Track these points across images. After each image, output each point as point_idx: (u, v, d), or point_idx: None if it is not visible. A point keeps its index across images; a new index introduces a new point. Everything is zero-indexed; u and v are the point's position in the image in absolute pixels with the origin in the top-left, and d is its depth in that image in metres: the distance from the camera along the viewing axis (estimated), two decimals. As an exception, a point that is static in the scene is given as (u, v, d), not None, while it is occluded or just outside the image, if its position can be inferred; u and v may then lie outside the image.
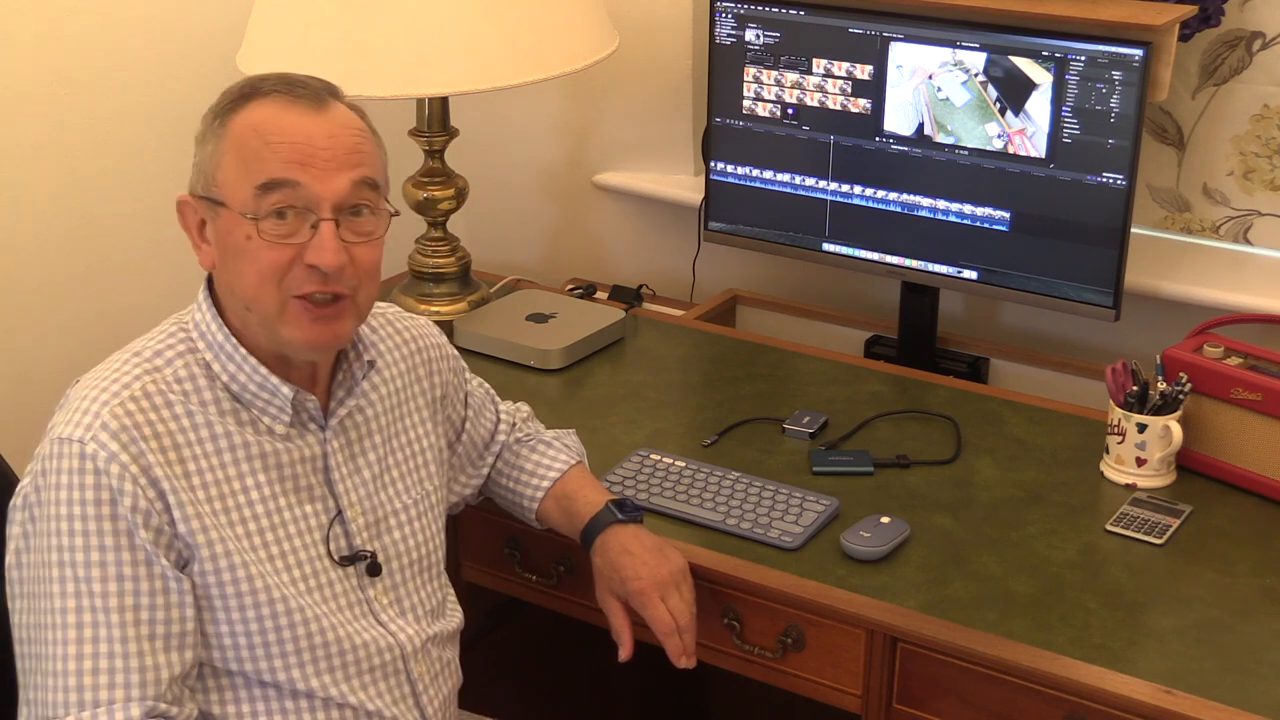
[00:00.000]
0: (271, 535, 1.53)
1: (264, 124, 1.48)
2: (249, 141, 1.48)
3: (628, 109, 2.66)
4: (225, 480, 1.51)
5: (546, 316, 2.38)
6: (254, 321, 1.52)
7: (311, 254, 1.48)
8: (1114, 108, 2.06)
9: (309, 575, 1.55)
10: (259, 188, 1.47)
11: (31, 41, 2.29)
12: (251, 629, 1.51)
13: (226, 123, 1.50)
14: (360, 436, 1.63)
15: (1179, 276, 2.24)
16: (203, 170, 1.52)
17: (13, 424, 2.28)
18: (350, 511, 1.60)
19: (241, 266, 1.49)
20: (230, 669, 1.52)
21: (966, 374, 2.33)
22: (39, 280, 2.38)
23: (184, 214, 1.55)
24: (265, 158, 1.47)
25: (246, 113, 1.50)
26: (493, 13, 2.16)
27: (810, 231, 2.37)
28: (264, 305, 1.50)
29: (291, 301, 1.50)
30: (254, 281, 1.49)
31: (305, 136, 1.48)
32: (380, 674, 1.60)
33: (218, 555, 1.48)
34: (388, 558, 1.63)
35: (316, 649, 1.55)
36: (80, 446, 1.44)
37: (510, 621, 2.25)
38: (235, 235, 1.49)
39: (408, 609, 1.65)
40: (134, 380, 1.49)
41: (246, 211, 1.48)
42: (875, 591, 1.75)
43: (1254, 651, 1.65)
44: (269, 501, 1.54)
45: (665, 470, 1.97)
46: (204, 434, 1.51)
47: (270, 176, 1.47)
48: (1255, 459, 1.92)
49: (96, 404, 1.46)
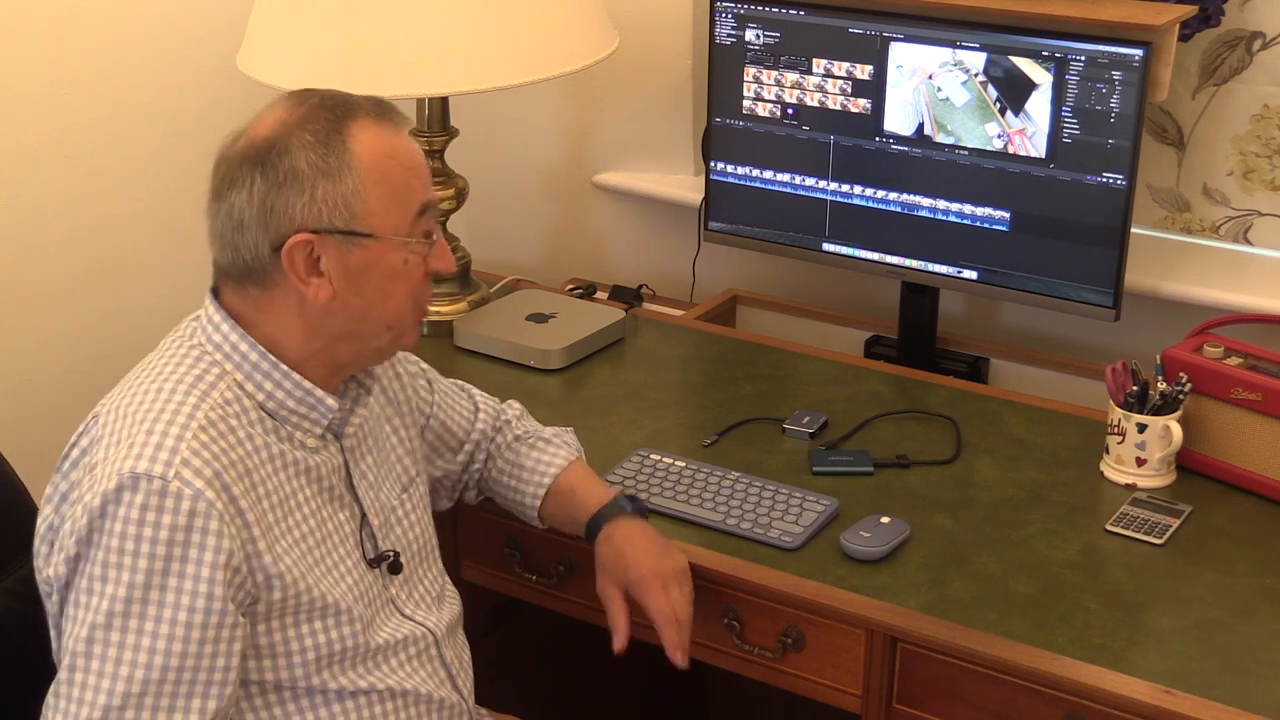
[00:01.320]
0: (323, 548, 1.55)
1: (395, 150, 1.51)
2: (393, 171, 1.50)
3: (628, 109, 2.66)
4: (285, 499, 1.51)
5: (546, 316, 2.38)
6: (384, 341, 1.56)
7: (438, 262, 1.56)
8: (1114, 108, 2.06)
9: (357, 582, 1.58)
10: (418, 213, 1.52)
11: (32, 42, 2.29)
12: (320, 641, 1.52)
13: (350, 150, 1.47)
14: (360, 440, 1.64)
15: (1179, 276, 2.24)
16: (337, 204, 1.47)
17: (14, 425, 2.28)
18: (370, 513, 1.63)
19: (395, 290, 1.53)
20: (296, 684, 1.53)
21: (966, 374, 2.33)
22: (40, 281, 2.38)
23: (294, 255, 1.48)
24: (412, 184, 1.52)
25: (362, 138, 1.49)
26: (493, 13, 2.16)
27: (810, 231, 2.38)
28: (406, 322, 1.56)
29: (416, 311, 1.58)
30: (403, 304, 1.55)
31: (422, 158, 1.55)
32: (419, 661, 1.64)
33: (296, 579, 1.49)
34: (400, 553, 1.65)
35: (374, 651, 1.57)
36: (163, 484, 1.39)
37: (510, 621, 2.25)
38: (389, 262, 1.51)
39: (419, 599, 1.68)
40: (194, 409, 1.46)
41: (410, 238, 1.52)
42: (875, 591, 1.75)
43: (1254, 651, 1.65)
44: (317, 514, 1.55)
45: (665, 470, 1.97)
46: (263, 455, 1.50)
47: (424, 200, 1.53)
48: (1255, 459, 1.93)
49: (169, 438, 1.42)
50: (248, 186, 1.47)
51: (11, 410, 2.33)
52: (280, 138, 1.47)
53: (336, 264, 1.49)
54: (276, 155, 1.47)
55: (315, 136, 1.47)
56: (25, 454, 1.88)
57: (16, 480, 1.74)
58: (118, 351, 1.56)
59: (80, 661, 1.41)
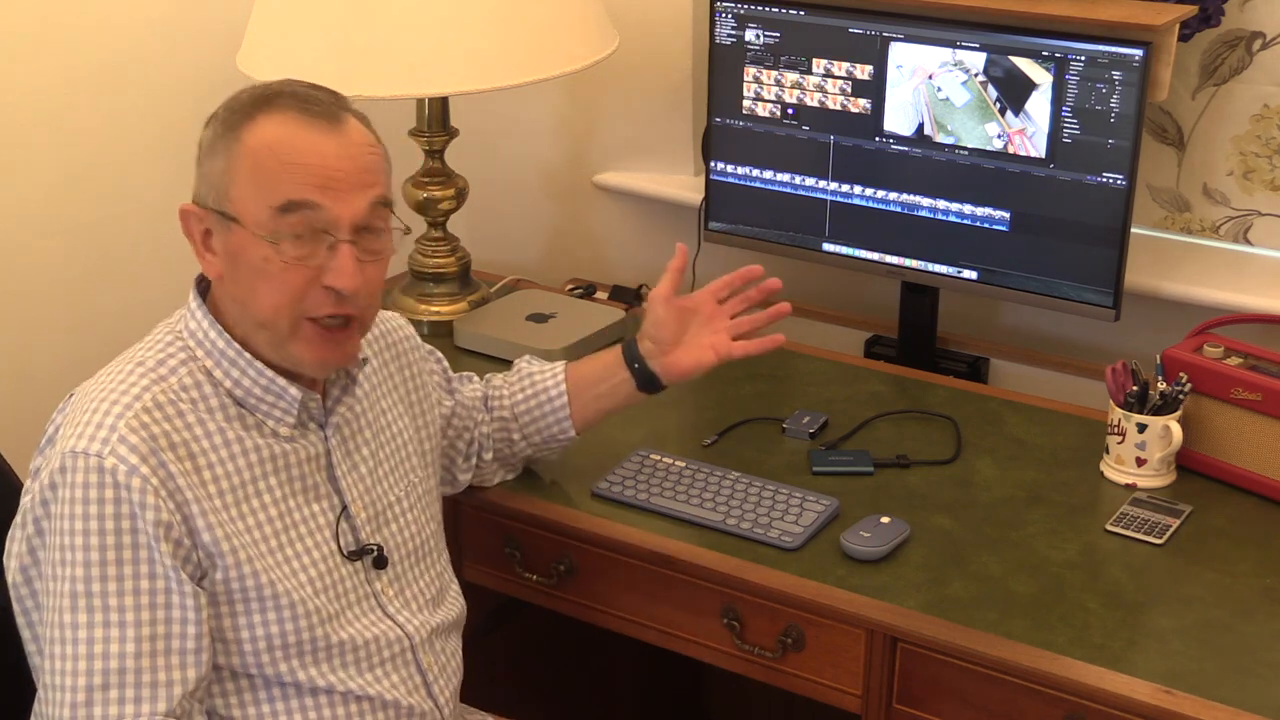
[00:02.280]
0: (284, 537, 1.54)
1: (280, 142, 1.47)
2: (265, 161, 1.47)
3: (628, 109, 2.66)
4: (240, 485, 1.51)
5: (546, 316, 2.38)
6: (264, 337, 1.53)
7: (331, 277, 1.49)
8: (1114, 108, 2.06)
9: (323, 574, 1.56)
10: (278, 209, 1.47)
11: (31, 42, 2.29)
12: (272, 631, 1.51)
13: (240, 135, 1.48)
14: (354, 432, 1.64)
15: (1179, 276, 2.24)
16: (213, 183, 1.50)
17: (13, 425, 2.27)
18: (354, 506, 1.61)
19: (257, 286, 1.49)
20: (250, 672, 1.52)
21: (966, 374, 2.33)
22: (39, 280, 2.38)
23: (187, 222, 1.53)
24: (283, 179, 1.47)
25: (259, 127, 1.48)
26: (493, 13, 2.16)
27: (810, 231, 2.38)
28: (278, 325, 1.51)
29: (305, 322, 1.51)
30: (270, 303, 1.50)
31: (322, 157, 1.48)
32: (392, 665, 1.62)
33: (241, 562, 1.49)
34: (389, 550, 1.64)
35: (333, 647, 1.56)
36: (98, 460, 1.42)
37: (510, 621, 2.25)
38: (250, 254, 1.48)
39: (410, 599, 1.66)
40: (144, 391, 1.48)
41: (264, 232, 1.47)
42: (875, 591, 1.75)
43: (1254, 651, 1.65)
44: (281, 504, 1.55)
45: (665, 470, 1.97)
46: (216, 440, 1.50)
47: (289, 198, 1.47)
48: (1255, 459, 1.93)
49: (110, 416, 1.45)
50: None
51: (9, 409, 2.33)
52: (215, 111, 1.53)
53: (221, 244, 1.51)
54: (205, 125, 1.53)
55: (227, 114, 1.51)
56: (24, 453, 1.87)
57: (14, 478, 1.74)
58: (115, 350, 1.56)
59: (56, 648, 1.42)
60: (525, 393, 1.89)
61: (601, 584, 1.92)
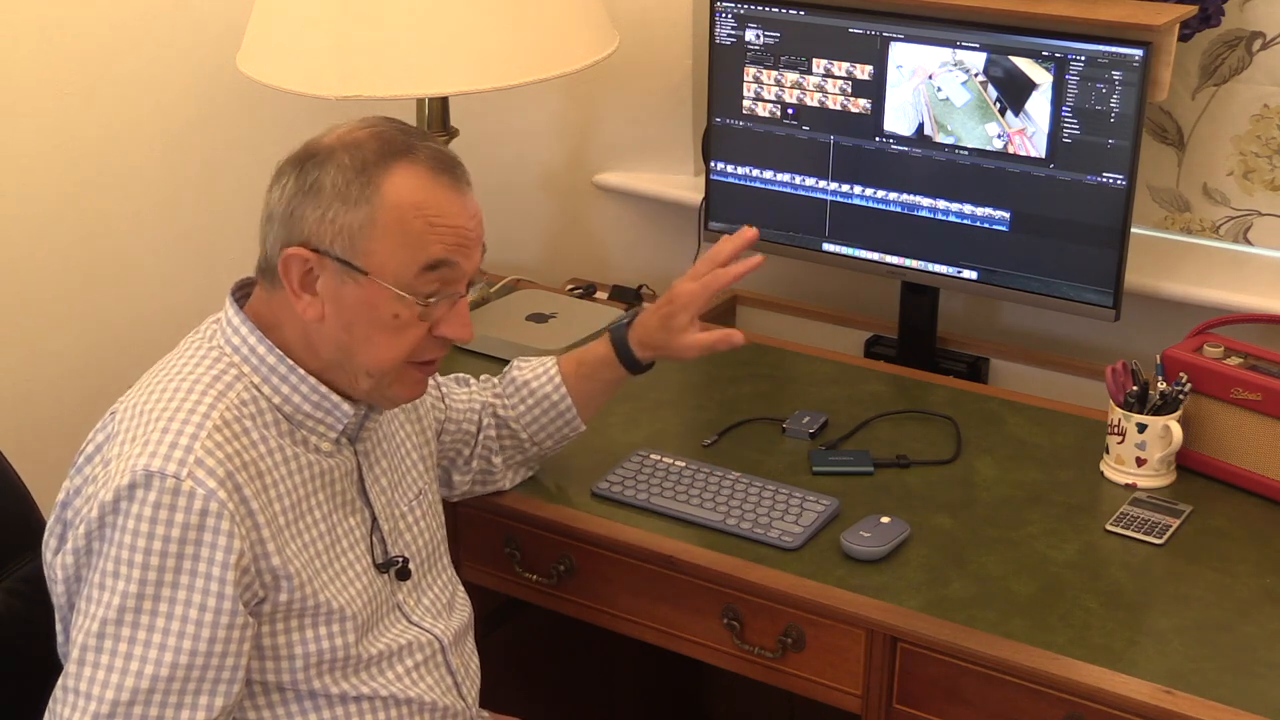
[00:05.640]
0: (333, 552, 1.55)
1: (427, 204, 1.48)
2: (412, 221, 1.48)
3: (628, 109, 2.66)
4: (296, 503, 1.52)
5: (546, 316, 2.38)
6: (366, 384, 1.53)
7: (448, 328, 1.53)
8: (1114, 108, 2.06)
9: (365, 588, 1.58)
10: (424, 269, 1.49)
11: (31, 44, 2.28)
12: (323, 646, 1.52)
13: (379, 188, 1.47)
14: (374, 445, 1.65)
15: (1179, 276, 2.24)
16: (343, 231, 1.48)
17: (15, 426, 2.28)
18: (380, 518, 1.63)
19: (377, 338, 1.50)
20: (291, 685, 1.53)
21: (966, 374, 2.33)
22: (43, 283, 2.38)
23: (290, 265, 1.49)
24: (429, 239, 1.49)
25: (400, 181, 1.48)
26: (493, 13, 2.16)
27: (810, 231, 2.38)
28: (387, 373, 1.53)
29: (409, 366, 1.54)
30: (390, 355, 1.51)
31: (458, 218, 1.51)
32: (426, 669, 1.64)
33: (304, 581, 1.49)
34: (407, 559, 1.65)
35: (372, 657, 1.57)
36: (175, 482, 1.40)
37: (510, 621, 2.25)
38: (380, 309, 1.49)
39: (429, 606, 1.68)
40: (210, 408, 1.46)
41: (404, 289, 1.48)
42: (875, 591, 1.75)
43: (1254, 651, 1.65)
44: (328, 519, 1.56)
45: (665, 470, 1.97)
46: (277, 458, 1.50)
47: (435, 259, 1.49)
48: (1255, 459, 1.93)
49: (184, 436, 1.43)
50: (283, 184, 1.50)
51: (13, 412, 2.33)
52: (326, 151, 1.50)
53: (331, 290, 1.49)
54: (314, 165, 1.49)
55: (354, 162, 1.48)
56: (25, 453, 1.88)
57: (18, 481, 1.74)
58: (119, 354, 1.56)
59: (90, 656, 1.41)
60: (526, 403, 1.89)
61: (601, 584, 1.92)
